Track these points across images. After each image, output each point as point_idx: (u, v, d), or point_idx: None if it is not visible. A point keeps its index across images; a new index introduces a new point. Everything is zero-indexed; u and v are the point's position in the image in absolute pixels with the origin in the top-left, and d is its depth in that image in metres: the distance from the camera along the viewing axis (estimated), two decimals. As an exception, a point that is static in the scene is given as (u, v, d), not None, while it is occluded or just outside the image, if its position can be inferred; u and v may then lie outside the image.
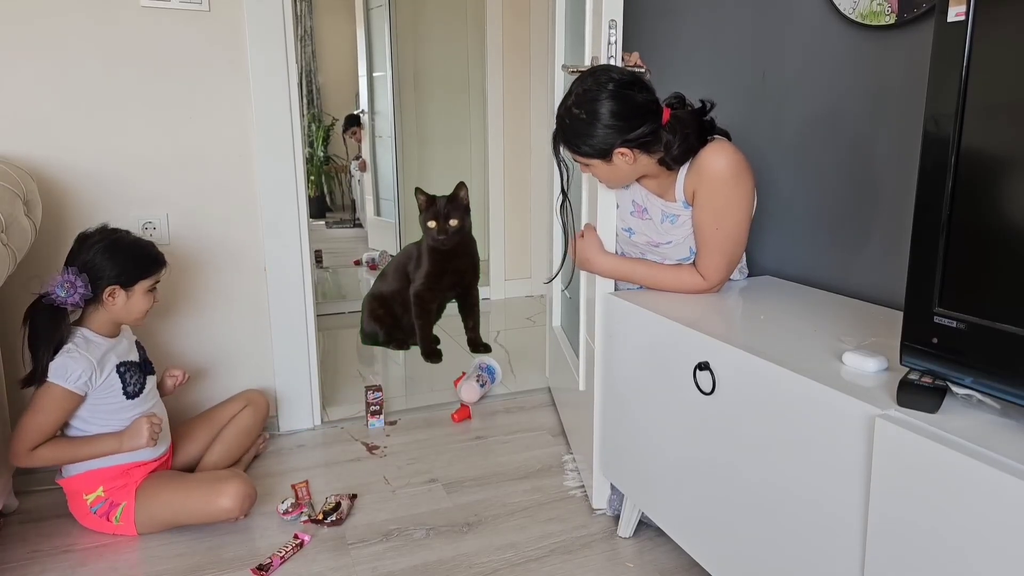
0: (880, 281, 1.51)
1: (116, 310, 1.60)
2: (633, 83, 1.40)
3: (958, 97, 0.82)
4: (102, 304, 1.59)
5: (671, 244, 1.56)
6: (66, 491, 1.65)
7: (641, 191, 1.57)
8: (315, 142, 6.22)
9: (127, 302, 1.61)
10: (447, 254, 2.75)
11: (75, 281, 1.53)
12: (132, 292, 1.61)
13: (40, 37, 1.78)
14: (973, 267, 0.83)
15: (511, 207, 3.75)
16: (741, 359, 1.17)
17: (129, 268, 1.59)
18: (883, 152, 1.48)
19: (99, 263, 1.57)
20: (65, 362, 1.53)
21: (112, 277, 1.57)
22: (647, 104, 1.40)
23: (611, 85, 1.38)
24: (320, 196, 6.37)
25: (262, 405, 2.01)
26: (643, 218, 1.59)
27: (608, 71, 1.40)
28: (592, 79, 1.40)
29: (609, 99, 1.37)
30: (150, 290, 1.64)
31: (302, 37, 5.95)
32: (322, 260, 4.44)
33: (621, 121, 1.38)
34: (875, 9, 1.45)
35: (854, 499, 0.96)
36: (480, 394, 2.40)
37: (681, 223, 1.53)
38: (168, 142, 1.94)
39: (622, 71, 1.41)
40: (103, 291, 1.57)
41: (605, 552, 1.58)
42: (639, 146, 1.41)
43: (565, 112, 1.42)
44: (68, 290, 1.52)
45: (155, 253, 1.66)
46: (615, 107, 1.37)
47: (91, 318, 1.61)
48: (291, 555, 1.56)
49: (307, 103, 6.07)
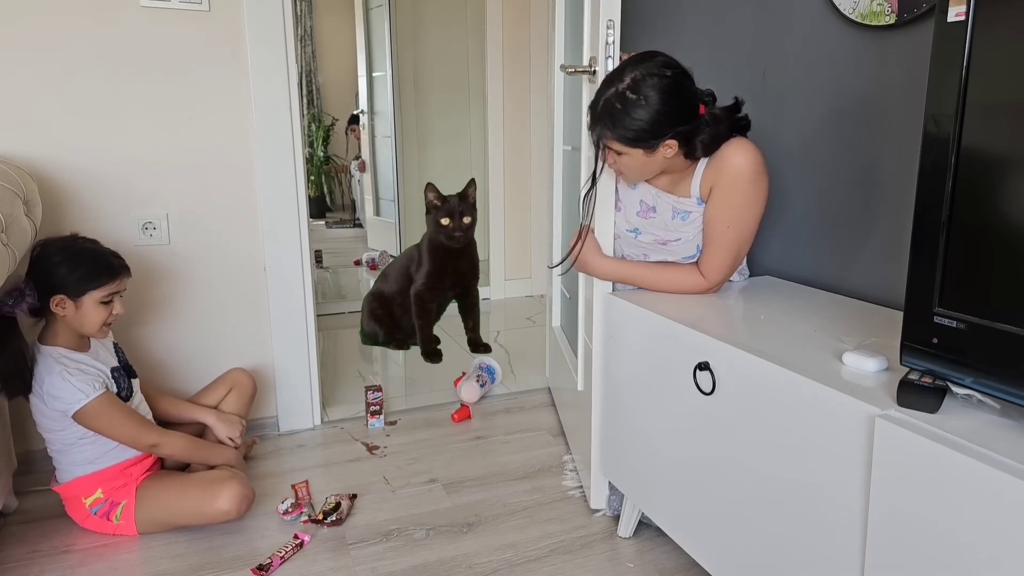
0: (880, 281, 1.51)
1: (68, 321, 1.54)
2: (686, 74, 1.40)
3: (958, 97, 0.82)
4: (54, 316, 1.54)
5: (680, 241, 1.56)
6: (63, 497, 1.64)
7: (650, 190, 1.57)
8: (315, 142, 6.22)
9: (76, 313, 1.54)
10: (448, 253, 2.75)
11: (23, 289, 1.48)
12: (81, 303, 1.54)
13: (40, 37, 1.78)
14: (973, 267, 0.83)
15: (511, 207, 3.75)
16: (741, 359, 1.17)
17: (76, 276, 1.52)
18: (883, 152, 1.48)
19: (47, 271, 1.52)
20: (64, 385, 1.51)
21: (58, 285, 1.51)
22: (696, 96, 1.40)
23: (669, 72, 1.36)
24: (320, 196, 6.37)
25: (247, 385, 1.96)
26: (649, 217, 1.58)
27: (662, 58, 1.39)
28: (650, 63, 1.37)
29: (668, 86, 1.35)
30: (105, 302, 1.56)
31: (302, 37, 5.95)
32: (322, 260, 4.44)
33: (676, 110, 1.37)
34: (875, 9, 1.45)
35: (854, 499, 0.96)
36: (480, 394, 2.40)
37: (692, 220, 1.53)
38: (168, 142, 1.94)
39: (674, 60, 1.40)
40: (51, 300, 1.52)
41: (605, 552, 1.57)
42: (683, 138, 1.40)
43: (616, 95, 1.37)
44: (16, 297, 1.46)
45: (109, 263, 1.58)
46: (673, 95, 1.36)
47: (54, 331, 1.56)
48: (291, 555, 1.56)
49: (307, 103, 6.08)
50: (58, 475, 1.64)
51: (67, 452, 1.60)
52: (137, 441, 1.59)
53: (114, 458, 1.61)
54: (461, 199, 2.68)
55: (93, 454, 1.59)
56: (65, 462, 1.61)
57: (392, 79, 4.18)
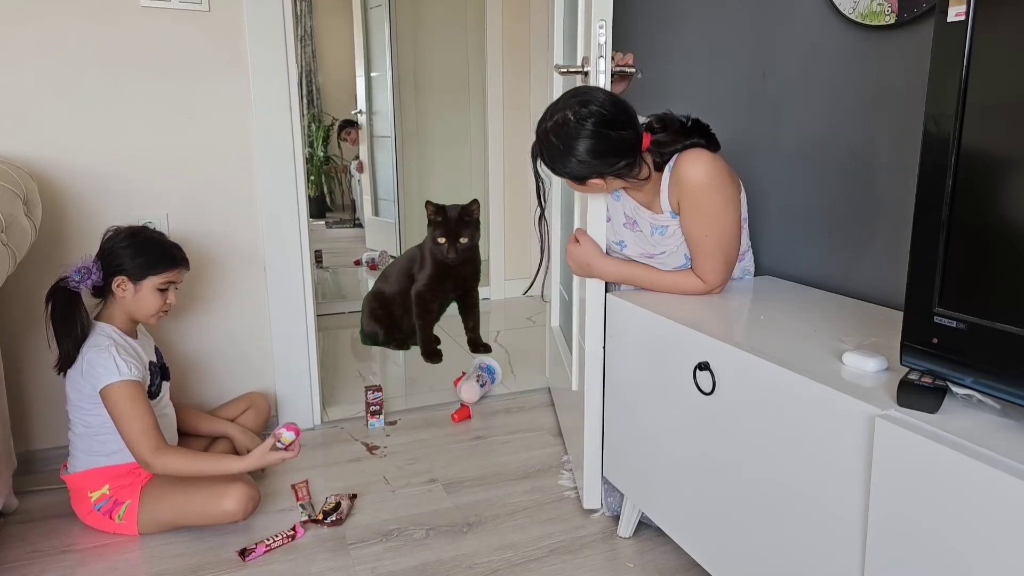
0: (880, 281, 1.51)
1: (126, 303, 1.63)
2: (613, 120, 1.38)
3: (958, 97, 0.82)
4: (114, 296, 1.63)
5: (664, 254, 1.57)
6: (70, 487, 1.65)
7: (631, 203, 1.58)
8: (315, 142, 6.22)
9: (135, 296, 1.63)
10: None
11: (91, 267, 1.58)
12: (141, 287, 1.62)
13: (40, 37, 1.78)
14: (973, 267, 0.83)
15: (511, 207, 3.75)
16: (741, 359, 1.17)
17: (139, 261, 1.62)
18: (883, 152, 1.48)
19: (114, 252, 1.61)
20: (106, 360, 1.55)
21: (122, 267, 1.61)
22: (624, 141, 1.40)
23: (590, 123, 1.36)
24: (320, 196, 6.37)
25: (264, 408, 2.04)
26: (634, 231, 1.60)
27: (588, 103, 1.37)
28: (572, 111, 1.37)
29: (586, 138, 1.37)
30: (161, 289, 1.65)
31: (302, 37, 5.95)
32: (322, 260, 4.44)
33: (597, 159, 1.39)
34: (875, 9, 1.45)
35: (854, 499, 0.96)
36: (480, 394, 2.40)
37: (671, 233, 1.54)
38: (168, 142, 1.94)
39: (603, 102, 1.38)
40: (113, 280, 1.60)
41: (605, 552, 1.58)
42: (613, 174, 1.43)
43: (543, 134, 1.43)
44: (83, 274, 1.57)
45: (172, 253, 1.67)
46: (591, 145, 1.38)
47: (111, 312, 1.65)
48: (279, 545, 1.57)
49: (307, 103, 6.08)
50: (71, 463, 1.65)
51: (88, 439, 1.61)
52: (141, 442, 1.54)
53: (128, 456, 1.60)
54: (460, 217, 2.65)
55: (112, 447, 1.60)
56: (83, 448, 1.62)
57: (392, 79, 4.18)
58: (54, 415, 1.91)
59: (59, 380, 1.62)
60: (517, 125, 3.66)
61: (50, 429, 1.92)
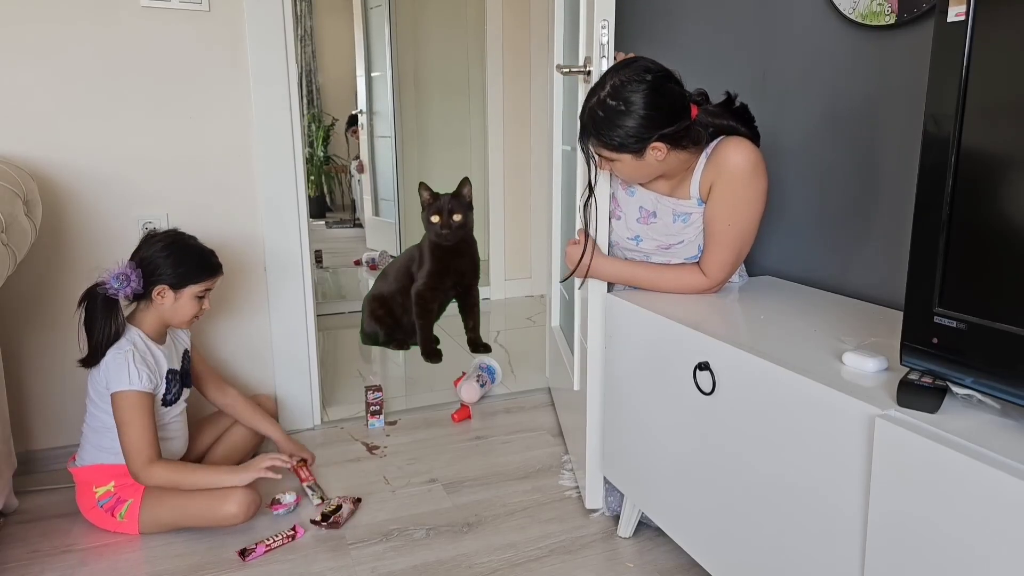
0: (880, 281, 1.51)
1: (163, 310, 1.64)
2: (669, 76, 1.39)
3: (958, 97, 0.82)
4: (151, 302, 1.63)
5: (682, 243, 1.56)
6: (76, 480, 1.66)
7: (649, 196, 1.56)
8: (315, 142, 6.22)
9: (174, 303, 1.64)
10: (449, 252, 2.75)
11: (130, 275, 1.58)
12: (180, 295, 1.64)
13: (40, 37, 1.78)
14: (973, 267, 0.83)
15: (511, 207, 3.75)
16: (741, 359, 1.17)
17: (181, 270, 1.63)
18: (883, 152, 1.48)
19: (155, 261, 1.61)
20: (121, 366, 1.56)
21: (163, 276, 1.61)
22: (681, 97, 1.40)
23: (649, 76, 1.36)
24: (320, 196, 6.38)
25: (270, 409, 2.04)
26: (649, 223, 1.58)
27: (643, 62, 1.38)
28: (629, 70, 1.37)
29: (648, 90, 1.35)
30: (199, 296, 1.67)
31: (302, 37, 5.95)
32: (322, 260, 4.44)
33: (658, 113, 1.36)
34: (875, 9, 1.45)
35: (854, 499, 0.96)
36: (480, 394, 2.40)
37: (692, 222, 1.53)
38: (168, 142, 1.94)
39: (656, 63, 1.39)
40: (153, 289, 1.61)
41: (605, 552, 1.58)
42: (671, 140, 1.40)
43: (598, 104, 1.38)
44: (122, 282, 1.57)
45: (212, 261, 1.69)
46: (654, 99, 1.35)
47: (142, 317, 1.65)
48: (279, 545, 1.57)
49: (307, 103, 6.08)
50: (79, 455, 1.66)
51: (102, 434, 1.61)
52: (134, 453, 1.55)
53: None
54: (454, 197, 2.69)
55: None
56: (94, 442, 1.63)
57: (392, 79, 4.18)
58: (54, 415, 1.91)
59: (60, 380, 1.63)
60: (517, 125, 3.66)
61: (50, 429, 1.92)
